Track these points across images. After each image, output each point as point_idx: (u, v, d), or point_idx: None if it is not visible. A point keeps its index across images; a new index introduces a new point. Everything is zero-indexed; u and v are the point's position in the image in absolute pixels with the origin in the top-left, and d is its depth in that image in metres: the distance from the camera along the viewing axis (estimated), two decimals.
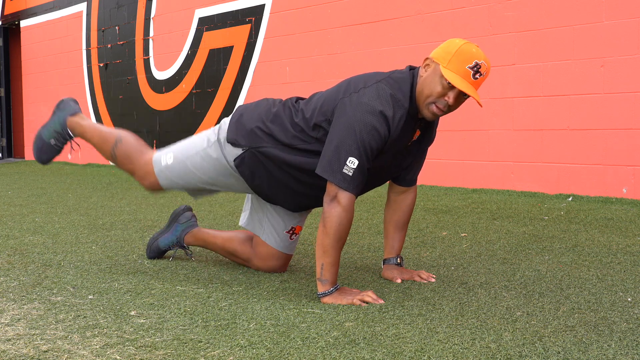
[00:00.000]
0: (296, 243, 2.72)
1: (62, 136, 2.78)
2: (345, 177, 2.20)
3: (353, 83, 2.32)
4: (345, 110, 2.24)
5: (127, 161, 2.64)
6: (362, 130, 2.20)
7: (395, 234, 2.61)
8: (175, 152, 2.61)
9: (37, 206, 4.77)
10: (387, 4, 5.89)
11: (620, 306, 2.15)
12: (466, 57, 2.20)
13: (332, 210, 2.22)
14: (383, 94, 2.24)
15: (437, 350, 1.75)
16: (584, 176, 4.79)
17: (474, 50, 2.22)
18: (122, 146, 2.64)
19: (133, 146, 2.67)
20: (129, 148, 2.66)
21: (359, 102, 2.23)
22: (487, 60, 2.23)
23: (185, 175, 2.58)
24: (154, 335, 1.89)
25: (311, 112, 2.36)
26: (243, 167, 2.47)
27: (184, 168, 2.57)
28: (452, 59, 2.20)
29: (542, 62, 4.96)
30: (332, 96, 2.34)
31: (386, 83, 2.28)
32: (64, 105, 2.84)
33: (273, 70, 6.97)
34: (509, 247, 3.14)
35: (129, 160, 2.65)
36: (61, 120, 2.77)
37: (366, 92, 2.25)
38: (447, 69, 2.20)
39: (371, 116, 2.21)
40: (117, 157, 2.64)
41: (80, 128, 2.74)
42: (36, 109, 10.88)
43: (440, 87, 2.23)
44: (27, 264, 2.85)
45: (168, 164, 2.60)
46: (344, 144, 2.20)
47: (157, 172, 2.61)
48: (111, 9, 9.17)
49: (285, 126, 2.40)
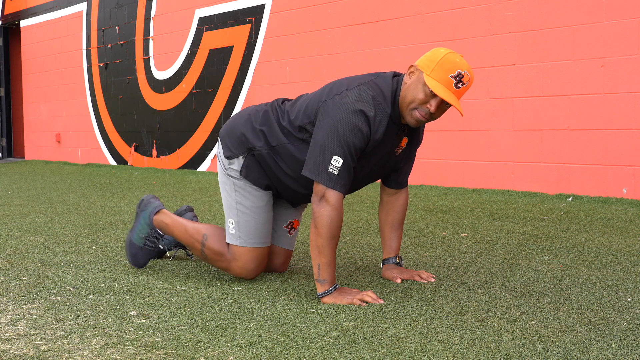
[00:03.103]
0: (295, 238, 2.73)
1: (153, 236, 2.72)
2: (331, 176, 2.23)
3: (336, 86, 2.37)
4: (328, 112, 2.29)
5: (218, 258, 2.54)
6: (345, 129, 2.24)
7: (392, 234, 2.63)
8: (227, 216, 2.55)
9: (37, 206, 4.77)
10: (387, 4, 5.89)
11: (620, 306, 2.15)
12: (449, 66, 2.23)
13: (321, 210, 2.24)
14: (365, 96, 2.29)
15: (437, 350, 1.75)
16: (584, 176, 4.79)
17: (458, 59, 2.24)
18: (209, 244, 2.55)
19: (219, 240, 2.55)
20: (216, 244, 2.55)
21: (341, 103, 2.28)
22: (471, 70, 2.26)
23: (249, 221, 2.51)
24: (154, 335, 1.89)
25: (295, 114, 2.42)
26: (250, 175, 2.50)
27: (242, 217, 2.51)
28: (435, 67, 2.23)
29: (542, 62, 4.96)
30: (315, 98, 2.39)
31: (368, 86, 2.32)
32: (145, 204, 2.76)
33: (273, 70, 6.97)
34: (509, 247, 3.14)
35: (220, 257, 2.54)
36: (147, 221, 2.71)
37: (348, 94, 2.29)
38: (430, 77, 2.23)
39: (353, 116, 2.25)
40: (208, 257, 2.57)
41: (167, 228, 2.67)
42: (36, 108, 10.88)
43: (422, 95, 2.26)
44: (27, 263, 2.85)
45: (234, 226, 2.52)
46: (328, 144, 2.24)
47: (239, 243, 2.51)
48: (111, 9, 9.17)
49: (274, 128, 2.45)
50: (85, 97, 9.75)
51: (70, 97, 10.07)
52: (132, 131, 8.94)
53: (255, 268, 2.52)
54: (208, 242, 2.55)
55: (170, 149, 8.32)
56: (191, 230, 2.61)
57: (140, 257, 2.74)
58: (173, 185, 6.39)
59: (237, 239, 2.51)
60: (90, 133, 9.64)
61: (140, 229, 2.73)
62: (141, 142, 8.81)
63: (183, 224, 2.64)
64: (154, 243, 2.73)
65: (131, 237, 2.74)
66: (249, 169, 2.49)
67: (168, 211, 2.72)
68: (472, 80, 2.27)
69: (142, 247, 2.73)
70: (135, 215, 2.79)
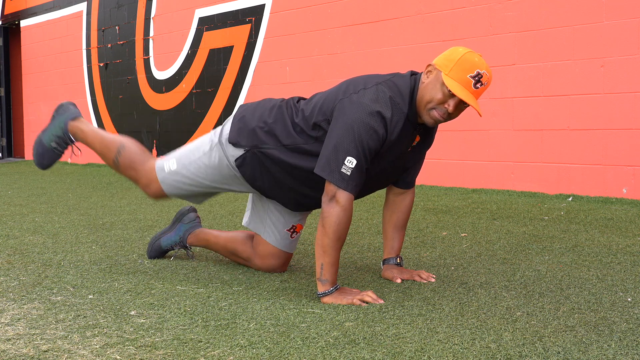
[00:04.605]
0: (297, 242, 2.72)
1: (64, 140, 2.73)
2: (344, 177, 2.21)
3: (353, 84, 2.33)
4: (344, 111, 2.25)
5: (130, 169, 2.61)
6: (361, 130, 2.21)
7: (395, 234, 2.62)
8: (178, 157, 2.60)
9: (37, 206, 4.77)
10: (387, 4, 5.89)
11: (620, 306, 2.15)
12: (468, 65, 2.20)
13: (330, 210, 2.23)
14: (382, 96, 2.26)
15: (437, 350, 1.75)
16: (584, 176, 4.79)
17: (477, 59, 2.22)
18: (125, 154, 2.59)
19: (136, 154, 2.63)
20: (132, 156, 2.62)
21: (358, 103, 2.24)
22: (489, 70, 2.24)
23: (188, 180, 2.57)
24: (154, 335, 1.89)
25: (311, 111, 2.38)
26: (244, 168, 2.48)
27: (186, 173, 2.57)
28: (454, 67, 2.21)
29: (542, 62, 4.96)
30: (331, 96, 2.35)
31: (386, 86, 2.29)
32: (63, 109, 2.79)
33: (273, 70, 6.97)
34: (509, 247, 3.14)
35: (132, 168, 2.61)
36: (62, 124, 2.73)
37: (365, 94, 2.26)
38: (449, 76, 2.21)
39: (370, 117, 2.22)
40: (120, 165, 2.61)
41: (82, 133, 2.71)
42: (36, 108, 10.88)
43: (440, 94, 2.24)
44: (27, 263, 2.85)
45: (171, 169, 2.59)
46: (342, 143, 2.21)
47: (161, 178, 2.60)
48: (111, 9, 9.17)
49: (286, 126, 2.41)
50: (85, 97, 9.75)
51: (70, 97, 10.06)
52: (132, 131, 8.93)
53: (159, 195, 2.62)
54: (125, 151, 2.60)
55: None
56: (108, 139, 2.66)
57: (46, 158, 2.76)
58: None
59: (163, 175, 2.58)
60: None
61: (53, 130, 2.74)
62: (141, 142, 8.79)
63: (100, 133, 2.70)
64: (63, 147, 2.75)
65: (42, 137, 2.77)
66: (245, 162, 2.47)
67: (86, 121, 2.75)
68: (491, 80, 2.25)
69: (50, 149, 2.73)
70: (51, 118, 2.80)
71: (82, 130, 2.70)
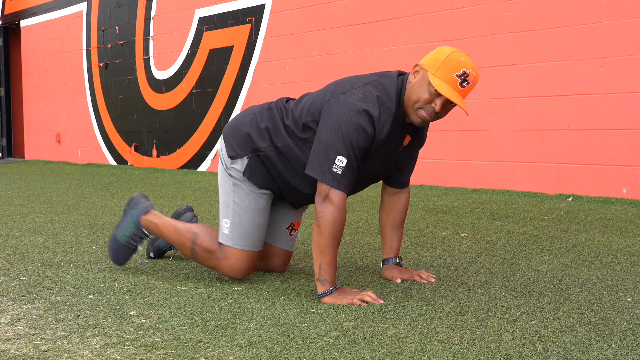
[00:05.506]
0: (295, 239, 2.73)
1: (138, 236, 2.69)
2: (335, 176, 2.22)
3: (341, 85, 2.36)
4: (332, 111, 2.28)
5: (208, 256, 2.53)
6: (350, 129, 2.22)
7: (393, 234, 2.63)
8: (223, 215, 2.54)
9: (37, 206, 4.77)
10: (387, 4, 5.89)
11: (620, 306, 2.15)
12: (454, 65, 2.22)
13: (325, 210, 2.24)
14: (369, 96, 2.28)
15: (437, 350, 1.75)
16: (584, 176, 4.79)
17: (463, 58, 2.23)
18: (199, 242, 2.53)
19: (210, 238, 2.54)
20: (207, 242, 2.54)
21: (346, 103, 2.26)
22: (476, 69, 2.25)
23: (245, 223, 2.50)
24: (154, 335, 1.89)
25: (299, 112, 2.41)
26: (253, 175, 2.49)
27: (238, 218, 2.50)
28: (440, 66, 2.22)
29: (542, 62, 4.96)
30: (319, 97, 2.37)
31: (373, 86, 2.31)
32: (135, 202, 2.74)
33: (273, 70, 6.97)
34: (509, 247, 3.14)
35: (210, 255, 2.53)
36: (135, 220, 2.68)
37: (353, 93, 2.28)
38: (435, 76, 2.22)
39: (357, 115, 2.24)
40: (198, 256, 2.55)
41: (156, 227, 2.64)
42: (36, 108, 10.88)
43: (427, 94, 2.25)
44: (27, 263, 2.85)
45: (228, 226, 2.51)
46: (332, 143, 2.23)
47: (231, 244, 2.50)
48: (111, 9, 9.17)
49: (278, 127, 2.44)
50: (85, 97, 9.75)
51: (70, 97, 10.07)
52: (132, 131, 8.94)
53: (246, 269, 2.51)
54: (199, 240, 2.54)
55: (170, 149, 8.32)
56: (182, 229, 2.59)
57: (122, 254, 2.71)
58: (173, 185, 6.39)
59: (230, 239, 2.50)
60: (90, 133, 9.64)
61: (126, 227, 2.70)
62: (141, 142, 8.81)
63: (173, 223, 2.63)
64: (137, 242, 2.72)
65: (116, 233, 2.72)
66: (252, 170, 2.48)
67: (157, 212, 2.71)
68: (478, 79, 2.26)
69: (125, 245, 2.71)
70: (123, 213, 2.77)
71: (156, 224, 2.64)
